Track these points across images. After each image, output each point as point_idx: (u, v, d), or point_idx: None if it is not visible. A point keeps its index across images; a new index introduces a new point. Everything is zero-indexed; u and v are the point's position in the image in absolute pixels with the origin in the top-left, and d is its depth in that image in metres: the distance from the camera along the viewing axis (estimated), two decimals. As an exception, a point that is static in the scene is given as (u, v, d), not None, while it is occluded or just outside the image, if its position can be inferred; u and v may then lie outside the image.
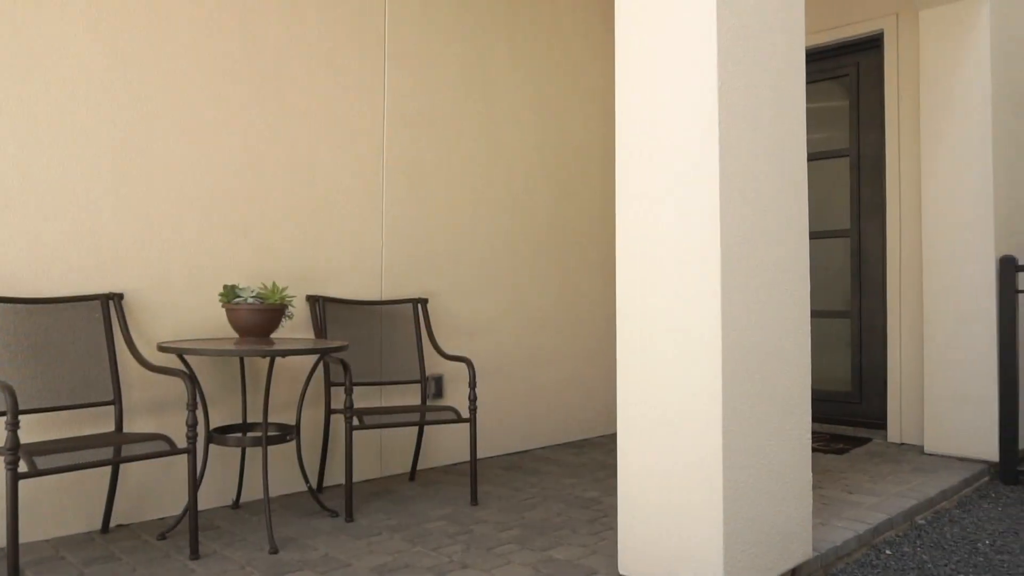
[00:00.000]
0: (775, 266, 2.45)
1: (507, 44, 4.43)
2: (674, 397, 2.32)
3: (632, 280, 2.44)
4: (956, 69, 4.17)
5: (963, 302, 4.10)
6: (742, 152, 2.32)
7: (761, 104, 2.41)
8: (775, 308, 2.44)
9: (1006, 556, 2.93)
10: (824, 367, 4.92)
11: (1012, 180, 4.32)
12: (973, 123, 4.11)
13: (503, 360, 4.38)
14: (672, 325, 2.32)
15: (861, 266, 4.76)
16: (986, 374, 4.02)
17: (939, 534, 3.17)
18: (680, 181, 2.32)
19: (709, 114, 2.26)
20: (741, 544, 2.29)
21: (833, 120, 4.95)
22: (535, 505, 3.35)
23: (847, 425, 4.80)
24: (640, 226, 2.43)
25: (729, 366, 2.24)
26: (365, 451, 3.77)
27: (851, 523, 3.02)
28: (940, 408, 4.18)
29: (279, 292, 3.05)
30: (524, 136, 4.52)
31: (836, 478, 3.73)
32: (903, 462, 4.06)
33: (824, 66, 4.95)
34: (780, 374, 2.45)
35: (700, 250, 2.26)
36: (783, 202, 2.50)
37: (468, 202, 4.23)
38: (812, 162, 4.96)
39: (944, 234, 4.18)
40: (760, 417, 2.37)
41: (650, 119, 2.41)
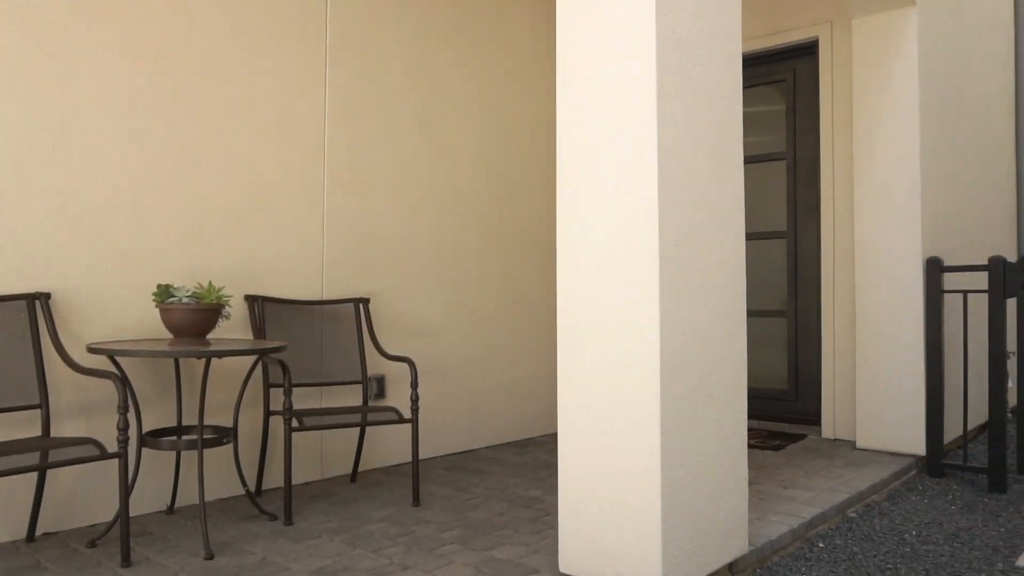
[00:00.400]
0: (713, 267, 2.49)
1: (451, 42, 4.42)
2: (613, 397, 2.34)
3: (572, 281, 2.46)
4: (887, 76, 4.31)
5: (892, 302, 4.24)
6: (680, 154, 2.36)
7: (699, 108, 2.45)
8: (713, 308, 2.49)
9: (931, 546, 3.04)
10: (761, 366, 5.03)
11: (939, 184, 4.49)
12: (902, 128, 4.25)
13: (446, 360, 4.36)
14: (611, 325, 2.35)
15: (797, 267, 4.89)
16: (914, 372, 4.16)
17: (869, 526, 3.27)
18: (620, 184, 2.35)
19: (648, 117, 2.28)
20: (679, 540, 2.32)
21: (771, 124, 5.06)
22: (478, 505, 3.34)
23: (784, 422, 4.92)
24: (580, 228, 2.44)
25: (667, 366, 2.27)
26: (305, 453, 3.72)
27: (786, 517, 3.10)
28: (871, 405, 4.31)
29: (215, 292, 2.98)
30: (469, 135, 4.52)
31: (772, 474, 3.82)
32: (836, 457, 4.18)
33: (762, 71, 5.07)
34: (718, 373, 2.50)
35: (639, 252, 2.29)
36: (721, 204, 2.54)
37: (411, 201, 4.21)
38: (750, 165, 5.07)
39: (875, 236, 4.32)
40: (698, 416, 2.41)
41: (590, 121, 2.43)
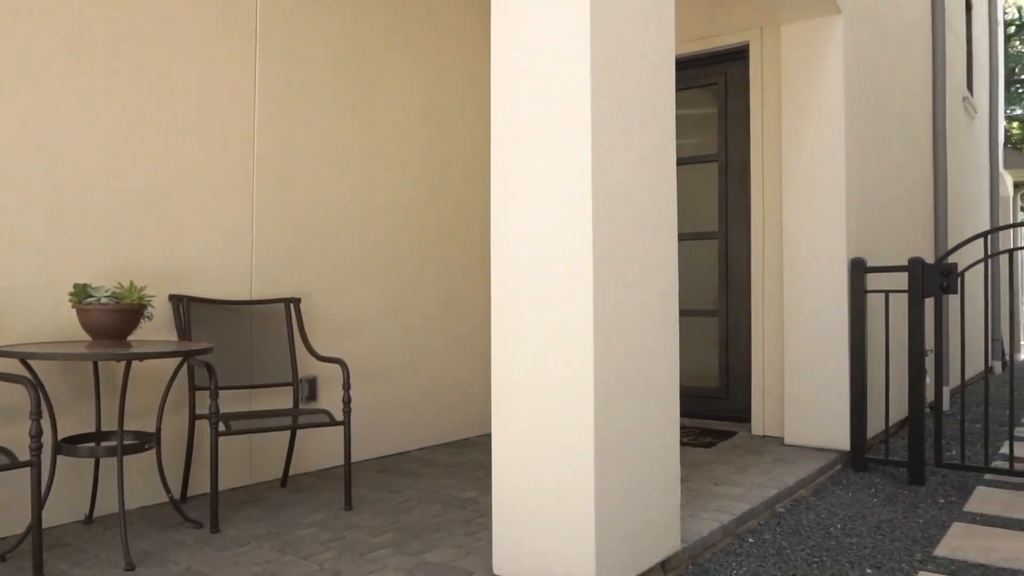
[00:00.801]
0: (646, 266, 2.51)
1: (387, 35, 4.35)
2: (547, 397, 2.33)
3: (506, 281, 2.44)
4: (814, 81, 4.42)
5: (818, 302, 4.36)
6: (614, 155, 2.37)
7: (633, 108, 2.47)
8: (646, 308, 2.50)
9: (855, 538, 3.12)
10: (693, 364, 5.11)
11: (863, 187, 4.63)
12: (828, 132, 4.37)
13: (381, 360, 4.30)
14: (545, 325, 2.34)
15: (728, 267, 4.98)
16: (839, 370, 4.29)
17: (796, 521, 3.34)
18: (554, 182, 2.34)
19: (582, 117, 2.28)
20: (613, 539, 2.33)
21: (703, 126, 5.15)
22: (411, 508, 3.30)
23: (715, 419, 5.01)
24: (514, 228, 2.43)
25: (601, 365, 2.27)
26: (233, 458, 3.61)
27: (717, 514, 3.14)
28: (798, 402, 4.43)
29: (137, 291, 2.86)
30: (404, 131, 4.46)
31: (703, 471, 3.88)
32: (765, 453, 4.27)
33: (694, 75, 5.15)
34: (651, 372, 2.52)
35: (573, 251, 2.28)
36: (654, 204, 2.56)
37: (345, 198, 4.13)
38: (683, 166, 5.14)
39: (803, 237, 4.43)
40: (631, 414, 2.42)
41: (524, 120, 2.42)
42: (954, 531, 3.23)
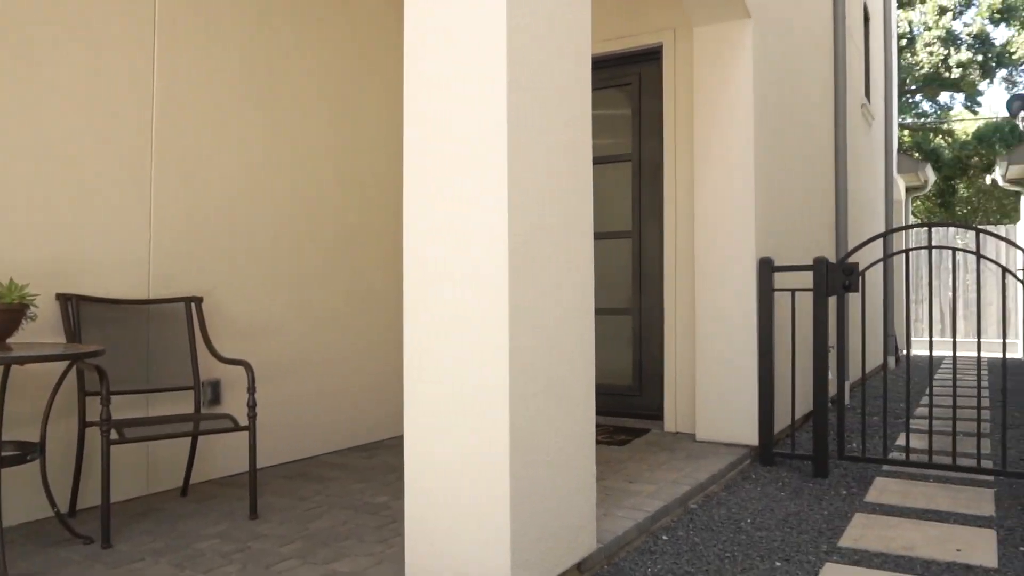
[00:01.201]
0: (562, 265, 2.47)
1: (296, 25, 4.19)
2: (461, 397, 2.27)
3: (419, 278, 2.36)
4: (724, 83, 4.50)
5: (728, 300, 4.44)
6: (530, 151, 2.32)
7: (550, 105, 2.43)
8: (562, 306, 2.47)
9: (764, 532, 3.18)
10: (608, 362, 5.14)
11: (771, 188, 4.75)
12: (738, 134, 4.46)
13: (289, 361, 4.14)
14: (459, 324, 2.27)
15: (641, 266, 5.03)
16: (747, 366, 4.38)
17: (709, 516, 3.38)
18: (468, 179, 2.28)
19: (497, 113, 2.23)
20: (528, 542, 2.28)
21: (617, 126, 5.18)
22: (320, 515, 3.18)
23: (629, 417, 5.05)
24: (427, 224, 2.35)
25: (517, 364, 2.22)
26: (128, 467, 3.40)
27: (631, 512, 3.15)
28: (709, 398, 4.50)
29: (17, 290, 2.65)
30: (315, 124, 4.31)
31: (618, 468, 3.89)
32: (678, 450, 4.32)
33: (609, 74, 5.17)
34: (566, 371, 2.49)
35: (488, 249, 2.23)
36: (569, 202, 2.53)
37: (250, 193, 3.95)
38: (598, 166, 5.15)
39: (712, 236, 4.51)
40: (547, 414, 2.38)
41: (437, 115, 2.34)
42: (856, 522, 3.33)
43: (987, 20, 20.24)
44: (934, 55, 20.25)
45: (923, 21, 20.60)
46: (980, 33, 20.32)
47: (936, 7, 20.42)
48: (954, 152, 19.78)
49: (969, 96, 21.83)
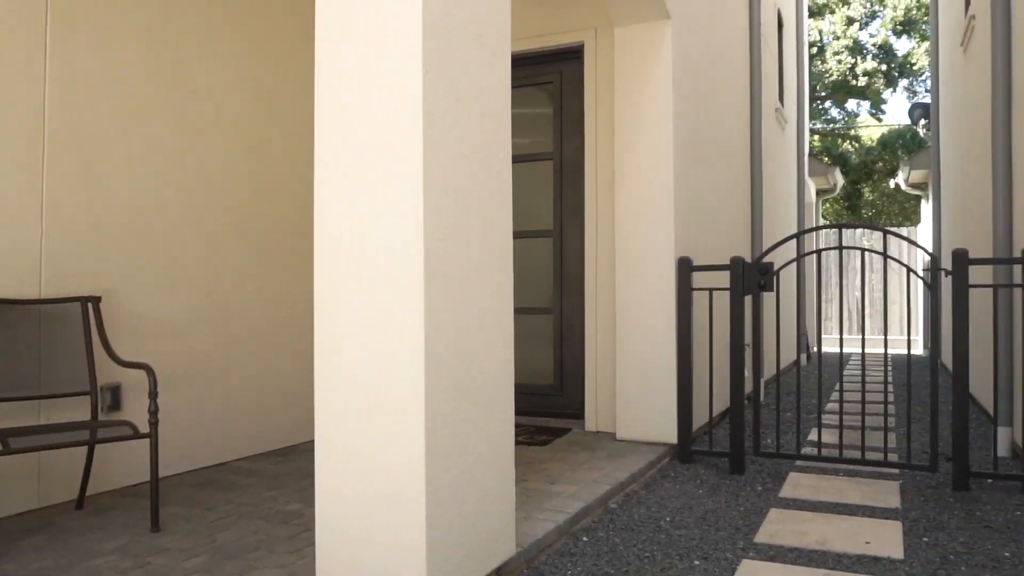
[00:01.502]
0: (480, 263, 2.41)
1: (204, 15, 3.99)
2: (374, 400, 2.18)
3: (329, 276, 2.26)
4: (644, 83, 4.52)
5: (648, 299, 4.47)
6: (447, 146, 2.25)
7: (467, 101, 2.36)
8: (480, 305, 2.40)
9: (683, 531, 3.19)
10: (529, 362, 5.11)
11: (690, 188, 4.80)
12: (658, 134, 4.49)
13: (198, 364, 3.95)
14: (372, 324, 2.18)
15: (563, 265, 5.01)
16: (667, 365, 4.41)
17: (629, 516, 3.38)
18: (383, 173, 2.19)
19: (413, 105, 2.15)
20: (445, 548, 2.21)
21: (539, 124, 5.15)
22: (228, 525, 3.02)
23: (550, 417, 5.03)
24: (339, 221, 2.25)
25: (432, 365, 2.15)
26: (17, 479, 3.17)
27: (552, 514, 3.11)
28: (629, 397, 4.52)
29: None
30: (226, 113, 4.12)
31: (539, 469, 3.85)
32: (598, 449, 4.32)
33: (530, 72, 5.14)
34: (484, 371, 2.42)
35: (402, 246, 2.14)
36: (488, 201, 2.47)
37: (156, 185, 3.75)
38: (519, 164, 5.12)
39: (632, 236, 4.52)
40: (465, 416, 2.31)
41: (351, 108, 2.25)
42: (771, 517, 3.38)
43: (890, 32, 21.20)
44: (842, 63, 21.08)
45: (832, 31, 21.42)
46: (884, 44, 21.27)
47: (844, 18, 21.27)
48: (860, 157, 20.63)
49: (874, 104, 22.83)
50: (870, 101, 22.61)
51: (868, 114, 23.25)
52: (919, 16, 20.50)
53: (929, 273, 3.87)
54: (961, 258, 3.75)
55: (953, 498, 3.65)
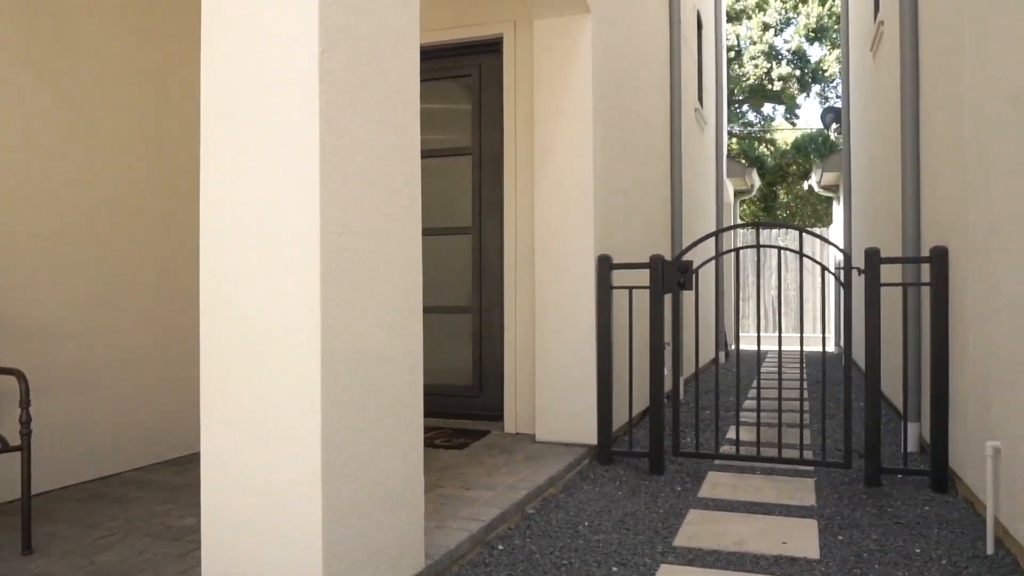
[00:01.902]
0: (384, 261, 2.25)
1: (91, -9, 3.70)
2: (266, 408, 2.00)
3: (216, 274, 2.06)
4: (564, 78, 4.43)
5: (568, 298, 4.38)
6: (347, 135, 2.08)
7: (370, 85, 2.20)
8: (384, 305, 2.24)
9: (601, 535, 3.10)
10: (447, 362, 4.96)
11: (610, 185, 4.74)
12: (577, 130, 4.40)
13: (86, 368, 3.65)
14: (264, 325, 2.00)
15: (482, 262, 4.88)
16: (587, 364, 4.33)
17: (546, 522, 3.27)
18: (275, 162, 2.01)
19: (309, 89, 1.97)
20: (345, 565, 2.05)
21: (457, 119, 5.01)
22: (112, 544, 2.77)
23: (469, 419, 4.89)
24: (228, 211, 2.06)
25: (330, 369, 1.98)
26: None
27: (467, 522, 2.97)
28: (548, 397, 4.42)
29: None
30: (117, 101, 3.82)
31: (455, 475, 3.71)
32: (517, 452, 4.20)
33: (448, 64, 4.99)
34: (389, 375, 2.26)
35: (297, 241, 1.97)
36: (395, 192, 2.31)
37: (36, 176, 3.44)
38: (437, 159, 4.97)
39: (552, 233, 4.43)
40: (367, 423, 2.15)
41: (243, 88, 2.06)
42: (691, 518, 3.33)
43: (804, 38, 21.87)
44: (759, 68, 21.63)
45: (749, 36, 21.96)
46: (798, 50, 21.93)
47: (760, 23, 21.83)
48: (776, 160, 21.22)
49: (789, 108, 23.52)
50: (785, 105, 23.29)
51: (783, 118, 23.95)
52: (830, 24, 21.22)
53: (843, 271, 3.90)
54: (874, 257, 3.79)
55: (866, 494, 3.68)
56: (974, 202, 3.33)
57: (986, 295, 3.16)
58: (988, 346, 3.12)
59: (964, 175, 3.49)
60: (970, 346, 3.39)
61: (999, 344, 2.98)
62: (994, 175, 3.05)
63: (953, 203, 3.71)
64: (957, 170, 3.63)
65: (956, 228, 3.64)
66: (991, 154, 3.08)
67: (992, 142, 3.07)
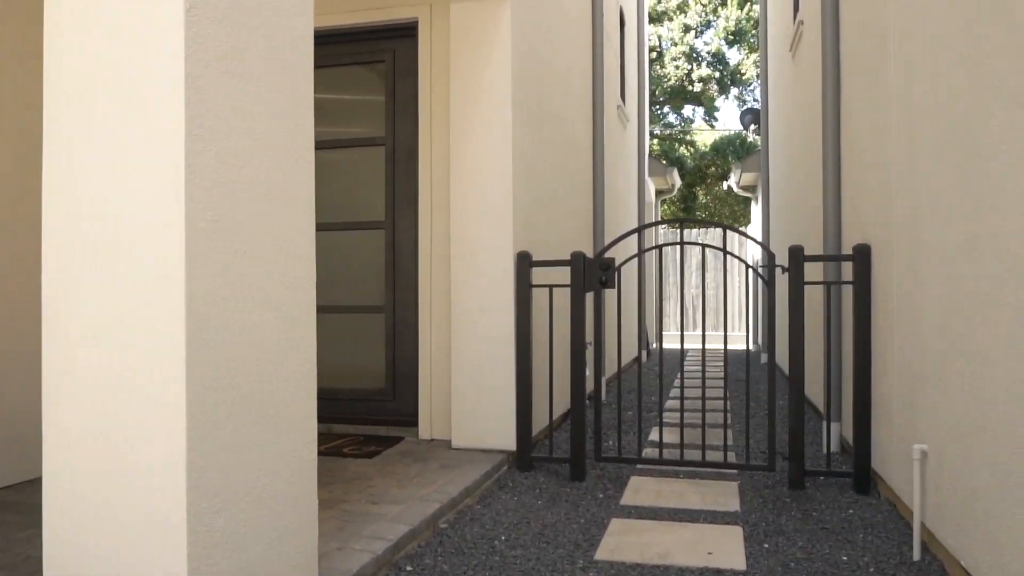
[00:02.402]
0: (269, 253, 1.98)
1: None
2: (121, 426, 1.70)
3: (62, 272, 1.76)
4: (482, 65, 4.21)
5: (485, 296, 4.16)
6: (223, 113, 1.80)
7: (251, 57, 1.92)
8: (270, 302, 1.97)
9: (519, 550, 2.90)
10: (358, 364, 4.67)
11: (530, 179, 4.54)
12: (496, 120, 4.19)
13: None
14: (118, 330, 1.70)
15: (395, 259, 4.61)
16: (505, 366, 4.12)
17: (460, 537, 3.04)
18: (132, 143, 1.72)
19: (173, 58, 1.69)
20: (220, 608, 1.77)
21: (370, 107, 4.72)
22: (-45, 581, 2.41)
23: (382, 425, 4.61)
24: (73, 201, 1.75)
25: (199, 380, 1.70)
26: None
27: (371, 542, 2.72)
28: (465, 401, 4.19)
29: None
30: (-24, 78, 3.40)
31: (363, 487, 3.44)
32: (431, 460, 3.96)
33: (359, 49, 4.70)
34: (276, 382, 1.99)
35: (155, 233, 1.68)
36: (281, 179, 2.04)
37: None
38: (348, 150, 4.68)
39: (469, 228, 4.20)
40: (247, 441, 1.87)
41: (93, 57, 1.75)
42: (613, 528, 3.16)
43: (723, 41, 22.27)
44: (680, 69, 21.91)
45: (671, 37, 22.22)
46: (717, 52, 22.31)
47: (681, 25, 22.11)
48: (695, 161, 21.53)
49: (708, 110, 23.92)
50: (704, 107, 23.67)
51: (703, 120, 24.36)
52: (748, 27, 21.66)
53: (767, 270, 3.80)
54: (798, 254, 3.70)
55: (790, 497, 3.58)
56: (898, 199, 3.26)
57: (911, 294, 3.08)
58: (914, 346, 3.04)
59: (888, 172, 3.43)
60: (895, 346, 3.32)
61: (926, 344, 2.90)
62: (919, 172, 2.97)
63: (876, 200, 3.65)
64: (880, 167, 3.57)
65: (880, 226, 3.57)
66: (917, 150, 3.01)
67: (918, 138, 2.99)
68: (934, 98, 2.78)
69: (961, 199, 2.49)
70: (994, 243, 2.23)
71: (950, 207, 2.61)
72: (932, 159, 2.81)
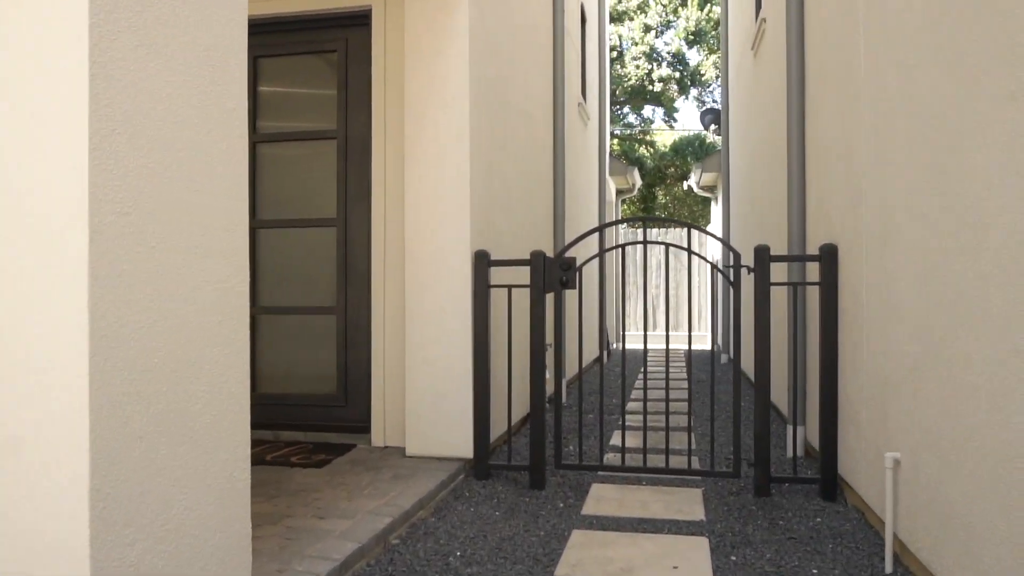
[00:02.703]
0: (192, 254, 1.77)
1: None
2: (14, 448, 1.49)
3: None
4: (439, 55, 4.02)
5: (441, 297, 3.97)
6: (135, 95, 1.60)
7: (172, 37, 1.72)
8: (191, 306, 1.77)
9: (475, 567, 2.73)
10: (307, 368, 4.45)
11: (489, 175, 4.36)
12: (453, 113, 4.00)
13: None
14: (9, 337, 1.49)
15: (347, 257, 4.39)
16: (462, 369, 3.94)
17: (412, 554, 2.86)
18: (33, 131, 1.50)
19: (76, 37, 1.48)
20: (133, 651, 1.56)
21: (320, 99, 4.50)
22: None
23: (332, 431, 4.39)
24: (-37, 177, 1.53)
25: (107, 393, 1.49)
26: None
27: (316, 562, 2.52)
28: (420, 407, 4.00)
29: None
30: None
31: (309, 500, 3.24)
32: (384, 470, 3.76)
33: (310, 38, 4.48)
34: (198, 395, 1.79)
35: (55, 228, 1.47)
36: (207, 166, 1.84)
37: None
38: (296, 143, 4.46)
39: (425, 226, 4.01)
40: (163, 460, 1.67)
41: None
42: (574, 541, 3.01)
43: (683, 41, 22.35)
44: (640, 68, 21.92)
45: (631, 36, 22.22)
46: (678, 52, 22.38)
47: (642, 25, 22.13)
48: (655, 161, 21.56)
49: (668, 111, 23.99)
50: (664, 108, 23.74)
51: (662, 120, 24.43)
52: (708, 28, 21.76)
53: (732, 270, 3.68)
54: (763, 255, 3.59)
55: (756, 505, 3.47)
56: (868, 197, 3.16)
57: (882, 295, 2.98)
58: (886, 349, 2.94)
59: (856, 170, 3.32)
60: (865, 349, 3.21)
61: (898, 347, 2.79)
62: (892, 168, 2.86)
63: (843, 198, 3.55)
64: (847, 165, 3.47)
65: (847, 224, 3.47)
66: (889, 146, 2.90)
67: (890, 133, 2.88)
68: (908, 90, 2.67)
69: (942, 195, 2.38)
70: (981, 240, 2.12)
71: (927, 204, 2.50)
72: (906, 154, 2.70)
